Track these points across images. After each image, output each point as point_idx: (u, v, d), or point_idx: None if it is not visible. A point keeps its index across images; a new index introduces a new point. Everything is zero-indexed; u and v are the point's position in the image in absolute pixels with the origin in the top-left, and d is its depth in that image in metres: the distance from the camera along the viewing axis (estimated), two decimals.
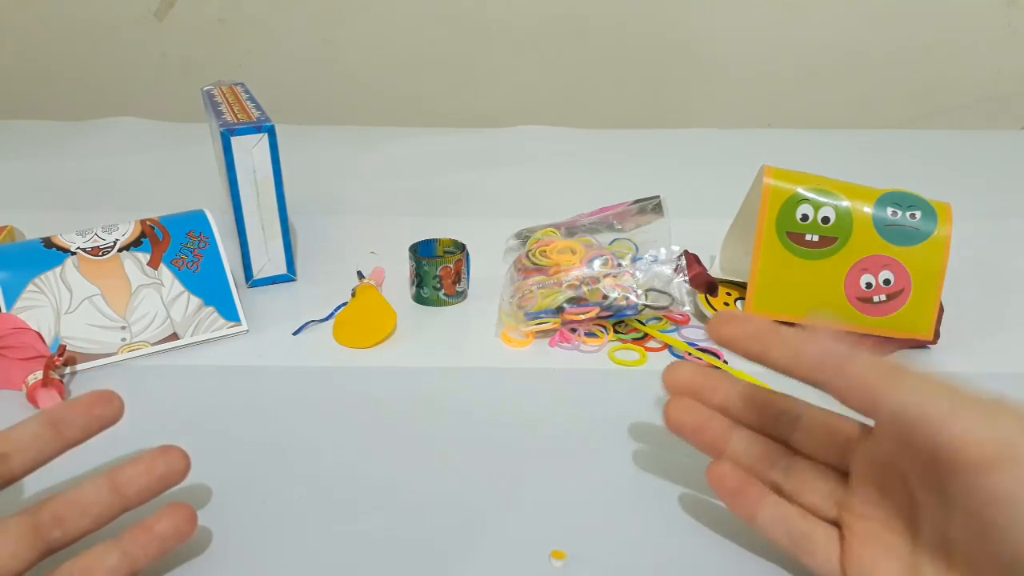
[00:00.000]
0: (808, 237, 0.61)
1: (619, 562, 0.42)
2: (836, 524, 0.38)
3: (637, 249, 0.68)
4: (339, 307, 0.67)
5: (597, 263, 0.65)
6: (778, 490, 0.40)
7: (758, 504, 0.40)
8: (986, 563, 0.31)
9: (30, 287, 0.58)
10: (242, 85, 0.78)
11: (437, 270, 0.67)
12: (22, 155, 1.05)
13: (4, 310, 0.57)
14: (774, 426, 0.42)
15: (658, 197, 0.69)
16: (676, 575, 0.41)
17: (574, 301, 0.62)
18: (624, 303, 0.62)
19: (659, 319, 0.65)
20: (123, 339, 0.60)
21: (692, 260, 0.67)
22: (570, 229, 0.71)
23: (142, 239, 0.62)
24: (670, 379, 0.44)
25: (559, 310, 0.62)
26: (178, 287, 0.62)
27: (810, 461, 0.40)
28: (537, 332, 0.63)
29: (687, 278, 0.65)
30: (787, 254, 0.61)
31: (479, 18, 1.25)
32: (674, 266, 0.65)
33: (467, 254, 0.69)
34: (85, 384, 0.57)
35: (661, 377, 0.44)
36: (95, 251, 0.61)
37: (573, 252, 0.67)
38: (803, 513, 0.39)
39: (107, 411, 0.41)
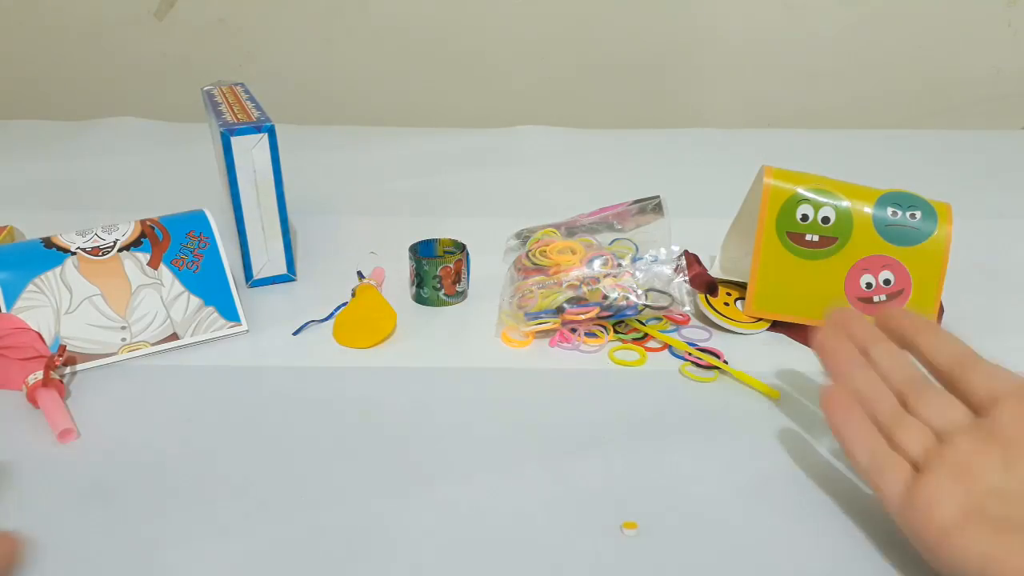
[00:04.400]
0: (808, 237, 0.61)
1: (618, 562, 0.42)
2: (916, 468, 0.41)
3: (637, 249, 0.68)
4: (339, 307, 0.67)
5: (597, 263, 0.65)
6: (903, 401, 0.44)
7: (853, 423, 0.43)
8: None
9: (30, 287, 0.58)
10: (242, 85, 0.78)
11: (437, 270, 0.67)
12: (22, 155, 1.05)
13: (4, 310, 0.57)
14: (945, 364, 0.44)
15: (658, 197, 0.69)
16: (674, 574, 0.41)
17: (574, 301, 0.62)
18: (624, 303, 0.62)
19: (659, 319, 0.65)
20: (123, 339, 0.60)
21: (692, 260, 0.67)
22: (570, 229, 0.71)
23: (142, 239, 0.62)
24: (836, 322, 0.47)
25: (559, 310, 0.62)
26: (178, 287, 0.62)
27: (945, 392, 0.43)
28: (537, 332, 0.63)
29: (687, 278, 0.65)
30: (787, 254, 0.61)
31: (479, 18, 1.25)
32: (674, 266, 0.65)
33: (467, 254, 0.69)
34: (85, 384, 0.57)
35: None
36: (95, 251, 0.61)
37: (573, 252, 0.67)
38: (891, 447, 0.42)
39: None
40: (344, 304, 0.67)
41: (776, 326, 0.64)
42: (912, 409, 0.43)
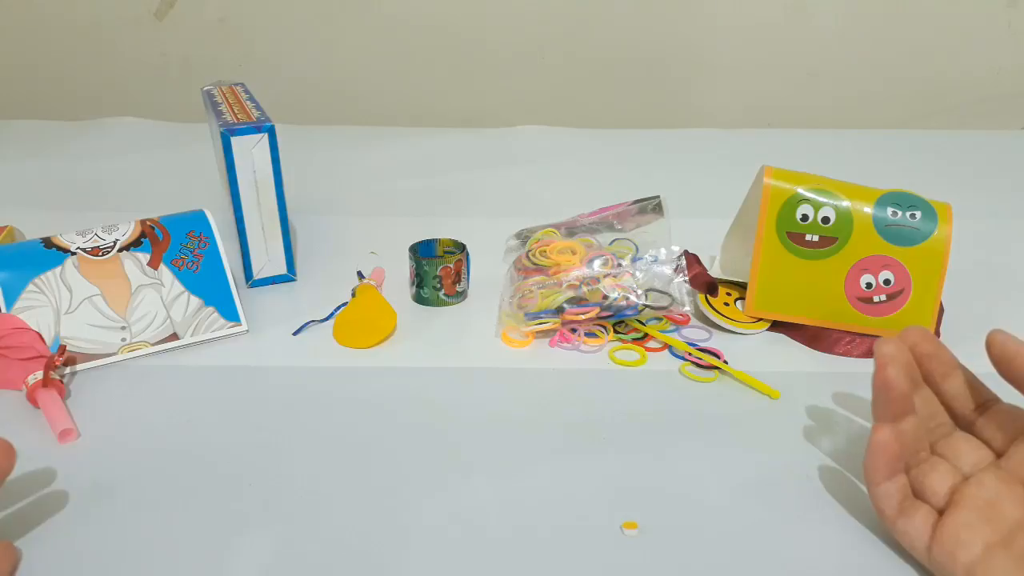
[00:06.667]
0: (808, 237, 0.61)
1: (618, 562, 0.42)
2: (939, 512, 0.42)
3: (637, 249, 0.68)
4: (339, 307, 0.67)
5: (597, 263, 0.65)
6: (932, 447, 0.44)
7: (892, 475, 0.42)
8: None
9: (30, 287, 0.58)
10: (242, 85, 0.78)
11: (437, 270, 0.67)
12: (22, 155, 1.05)
13: (4, 310, 0.57)
14: (967, 408, 0.45)
15: (658, 197, 0.69)
16: (674, 574, 0.42)
17: (574, 301, 0.62)
18: (624, 303, 0.62)
19: (659, 319, 0.65)
20: (123, 339, 0.60)
21: (692, 260, 0.67)
22: (570, 229, 0.71)
23: (142, 239, 0.62)
24: (904, 339, 0.46)
25: (559, 310, 0.62)
26: (178, 287, 0.62)
27: (970, 436, 0.44)
28: (537, 332, 0.63)
29: (687, 278, 0.65)
30: (787, 254, 0.61)
31: (479, 18, 1.25)
32: (674, 266, 0.65)
33: (467, 254, 0.69)
34: (85, 384, 0.57)
35: (884, 344, 0.43)
36: (95, 251, 0.61)
37: (573, 252, 0.67)
38: (916, 496, 0.43)
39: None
40: (344, 304, 0.67)
41: (776, 326, 0.64)
42: (938, 450, 0.44)
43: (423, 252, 0.69)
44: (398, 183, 0.97)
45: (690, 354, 0.60)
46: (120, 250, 0.61)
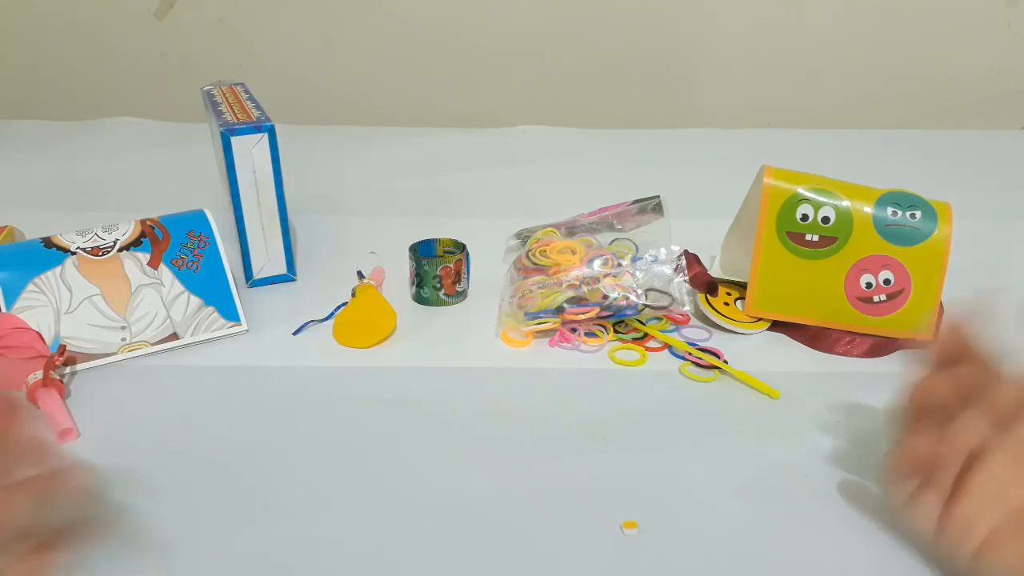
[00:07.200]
0: (808, 237, 0.61)
1: (618, 562, 0.42)
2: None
3: (637, 249, 0.68)
4: (339, 307, 0.67)
5: (597, 263, 0.65)
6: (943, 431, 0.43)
7: (912, 476, 0.42)
8: None
9: (30, 287, 0.58)
10: (242, 85, 0.78)
11: (437, 270, 0.67)
12: (22, 155, 1.05)
13: (4, 310, 0.57)
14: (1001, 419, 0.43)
15: (658, 197, 0.69)
16: (674, 574, 0.41)
17: (574, 301, 0.62)
18: (624, 303, 0.62)
19: (659, 319, 0.65)
20: (123, 339, 0.60)
21: (692, 260, 0.67)
22: (570, 229, 0.71)
23: (142, 239, 0.62)
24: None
25: (559, 310, 0.62)
26: (178, 287, 0.62)
27: (979, 415, 0.42)
28: (537, 332, 0.63)
29: (687, 278, 0.65)
30: (787, 254, 0.61)
31: (479, 18, 1.25)
32: (674, 266, 0.65)
33: (467, 254, 0.69)
34: (85, 384, 0.57)
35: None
36: (95, 251, 0.61)
37: (573, 252, 0.67)
38: (926, 483, 0.42)
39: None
40: (344, 304, 0.67)
41: (776, 326, 0.64)
42: (948, 433, 0.43)
43: (423, 252, 0.69)
44: (398, 183, 0.97)
45: (690, 354, 0.60)
46: (120, 250, 0.61)
